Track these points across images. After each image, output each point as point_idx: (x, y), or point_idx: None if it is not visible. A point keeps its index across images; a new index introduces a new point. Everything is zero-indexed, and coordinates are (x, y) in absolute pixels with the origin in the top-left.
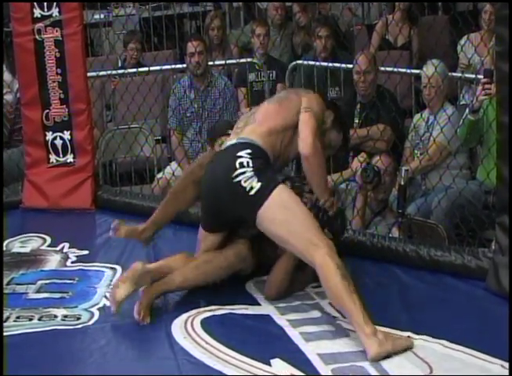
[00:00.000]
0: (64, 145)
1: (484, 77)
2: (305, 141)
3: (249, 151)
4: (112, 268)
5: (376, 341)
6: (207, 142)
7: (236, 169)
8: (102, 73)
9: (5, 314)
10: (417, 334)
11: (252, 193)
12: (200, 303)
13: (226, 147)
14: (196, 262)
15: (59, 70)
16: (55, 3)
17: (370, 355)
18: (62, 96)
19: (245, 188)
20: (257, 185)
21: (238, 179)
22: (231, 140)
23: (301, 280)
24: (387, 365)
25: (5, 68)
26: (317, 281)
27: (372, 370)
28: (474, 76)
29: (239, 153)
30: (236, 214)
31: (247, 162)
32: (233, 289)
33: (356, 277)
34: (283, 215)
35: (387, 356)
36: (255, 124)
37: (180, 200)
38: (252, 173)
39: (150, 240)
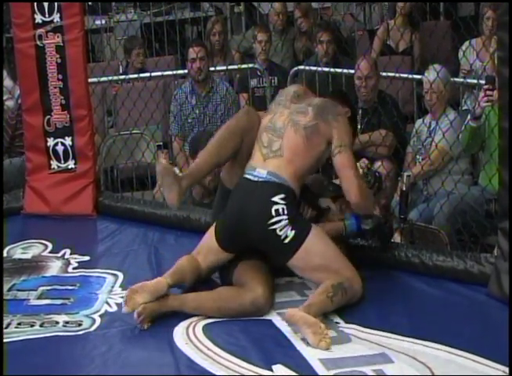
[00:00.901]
0: (65, 151)
1: (486, 84)
2: (353, 190)
3: (282, 196)
4: (113, 274)
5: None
6: (189, 154)
7: (272, 217)
8: (103, 79)
9: (7, 320)
10: (419, 339)
11: (286, 241)
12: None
13: (257, 182)
14: (214, 296)
15: (60, 76)
16: (56, 9)
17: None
18: (63, 102)
19: (280, 236)
20: (291, 233)
21: (273, 227)
22: (259, 167)
23: None
24: (388, 370)
25: (6, 74)
26: None
27: None
28: (475, 81)
29: (274, 199)
30: (266, 253)
31: (282, 209)
32: None
33: (361, 286)
34: (316, 261)
35: None
36: (283, 160)
37: (225, 148)
38: (287, 221)
39: (183, 194)
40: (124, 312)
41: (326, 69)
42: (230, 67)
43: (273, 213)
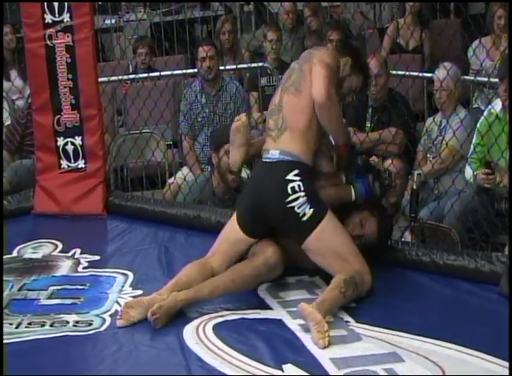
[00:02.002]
0: (75, 150)
1: (486, 168)
2: (318, 89)
3: (296, 172)
4: (123, 273)
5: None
6: (211, 148)
7: (289, 195)
8: (113, 78)
9: (17, 320)
10: (430, 338)
11: (304, 219)
12: (212, 308)
13: (271, 163)
14: (227, 273)
15: (70, 76)
16: (66, 9)
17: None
18: (73, 102)
19: (298, 214)
20: (309, 211)
21: (291, 205)
22: (272, 148)
23: None
24: (399, 369)
25: (16, 74)
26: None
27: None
28: (486, 79)
29: (289, 177)
30: (284, 232)
31: (298, 186)
32: (245, 293)
33: (371, 279)
34: (330, 243)
35: None
36: (290, 131)
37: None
38: (305, 198)
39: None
40: (118, 325)
41: None
42: (240, 66)
43: (289, 191)
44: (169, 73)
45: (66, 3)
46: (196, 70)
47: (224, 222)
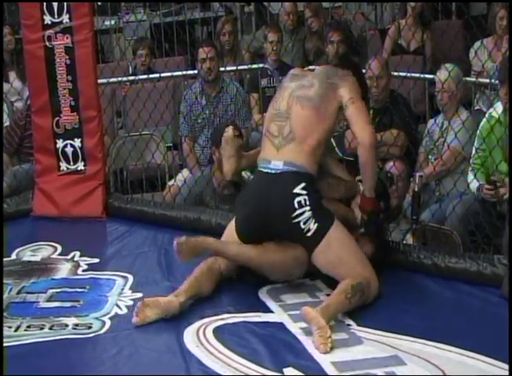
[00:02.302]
0: (75, 152)
1: (487, 184)
2: (365, 131)
3: (303, 185)
4: (123, 276)
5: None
6: (213, 145)
7: (295, 209)
8: (112, 79)
9: (16, 323)
10: (431, 341)
11: (309, 234)
12: (213, 311)
13: (275, 175)
14: (257, 245)
15: (69, 77)
16: (65, 10)
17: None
18: (72, 103)
19: (303, 229)
20: (314, 226)
21: (297, 220)
22: (274, 159)
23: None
24: (401, 372)
25: (15, 75)
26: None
27: None
28: (488, 81)
29: (296, 190)
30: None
31: (305, 200)
32: (246, 296)
33: (377, 286)
34: (336, 254)
35: None
36: (296, 143)
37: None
38: (310, 213)
39: (237, 170)
40: (133, 322)
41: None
42: (240, 67)
43: (296, 205)
44: (169, 74)
45: (65, 4)
46: (196, 72)
47: (224, 225)
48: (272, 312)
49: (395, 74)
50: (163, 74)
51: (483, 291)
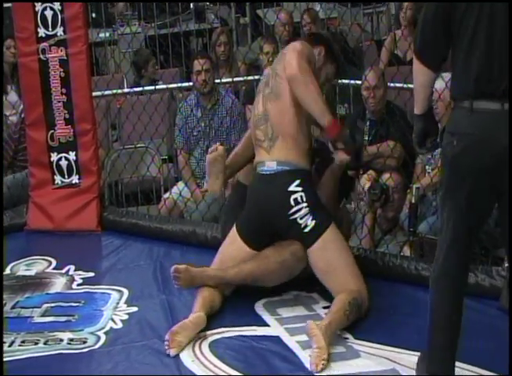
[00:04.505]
0: (69, 166)
1: None
2: (289, 64)
3: (298, 182)
4: (118, 290)
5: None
6: None
7: (291, 207)
8: (107, 92)
9: (10, 338)
10: None
11: (306, 230)
12: (209, 325)
13: (270, 175)
14: (254, 258)
15: (64, 90)
16: (59, 22)
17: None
18: (67, 116)
19: (300, 225)
20: (311, 223)
21: (294, 217)
22: (267, 160)
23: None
24: None
25: (13, 89)
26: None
27: None
28: None
29: (291, 188)
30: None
31: (301, 197)
32: (243, 310)
33: (368, 297)
34: (331, 258)
35: None
36: (282, 141)
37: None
38: (307, 209)
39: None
40: (171, 355)
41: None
42: (236, 79)
43: (292, 203)
44: (164, 86)
45: (59, 17)
46: (191, 84)
47: (220, 238)
48: (268, 325)
49: (392, 85)
50: (158, 86)
51: (481, 303)
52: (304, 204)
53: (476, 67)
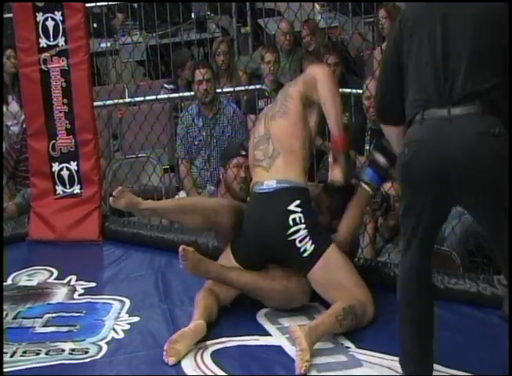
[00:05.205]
0: (71, 176)
1: None
2: (319, 67)
3: (298, 203)
4: (120, 300)
5: None
6: (219, 164)
7: (290, 227)
8: (109, 102)
9: (12, 349)
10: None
11: (305, 254)
12: (211, 335)
13: (269, 194)
14: (250, 274)
15: (65, 100)
16: (61, 32)
17: None
18: (68, 127)
19: (299, 248)
20: (311, 247)
21: (292, 238)
22: (266, 179)
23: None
24: None
25: (14, 99)
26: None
27: None
28: None
29: (290, 207)
30: (286, 264)
31: (299, 218)
32: (244, 319)
33: (374, 308)
34: (332, 276)
35: None
36: (283, 157)
37: (185, 217)
38: (305, 231)
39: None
40: (169, 364)
41: None
42: (237, 89)
43: (291, 223)
44: (166, 96)
45: (60, 27)
46: (192, 93)
47: (221, 248)
48: (270, 335)
49: None
50: (159, 96)
51: (483, 312)
52: (303, 226)
53: (424, 79)
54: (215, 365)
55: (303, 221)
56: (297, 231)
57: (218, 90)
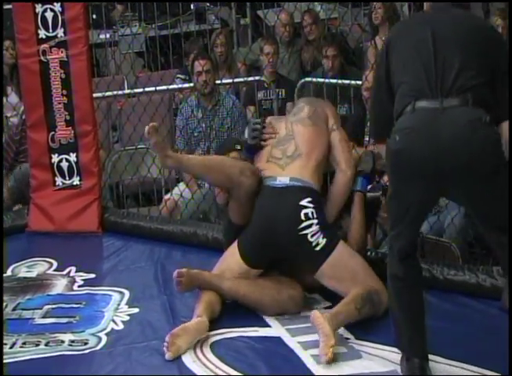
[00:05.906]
0: (70, 167)
1: None
2: (350, 163)
3: (310, 199)
4: (119, 292)
5: None
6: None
7: (302, 221)
8: (108, 93)
9: (12, 340)
10: (431, 354)
11: (318, 248)
12: (210, 326)
13: (281, 189)
14: (251, 282)
15: (64, 92)
16: (60, 24)
17: None
18: (67, 118)
19: (311, 243)
20: (322, 241)
21: (304, 232)
22: (280, 175)
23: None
24: None
25: (11, 90)
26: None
27: None
28: None
29: (302, 203)
30: (295, 260)
31: (312, 213)
32: (243, 311)
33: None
34: (346, 268)
35: None
36: (303, 159)
37: (209, 172)
38: (318, 227)
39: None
40: (167, 358)
41: (334, 80)
42: (237, 80)
43: (303, 217)
44: (165, 88)
45: (59, 18)
46: (192, 85)
47: (221, 239)
48: (269, 326)
49: None
50: (158, 88)
51: (482, 303)
52: (315, 221)
53: (415, 74)
54: (215, 356)
55: (315, 216)
56: (310, 226)
57: (218, 81)
